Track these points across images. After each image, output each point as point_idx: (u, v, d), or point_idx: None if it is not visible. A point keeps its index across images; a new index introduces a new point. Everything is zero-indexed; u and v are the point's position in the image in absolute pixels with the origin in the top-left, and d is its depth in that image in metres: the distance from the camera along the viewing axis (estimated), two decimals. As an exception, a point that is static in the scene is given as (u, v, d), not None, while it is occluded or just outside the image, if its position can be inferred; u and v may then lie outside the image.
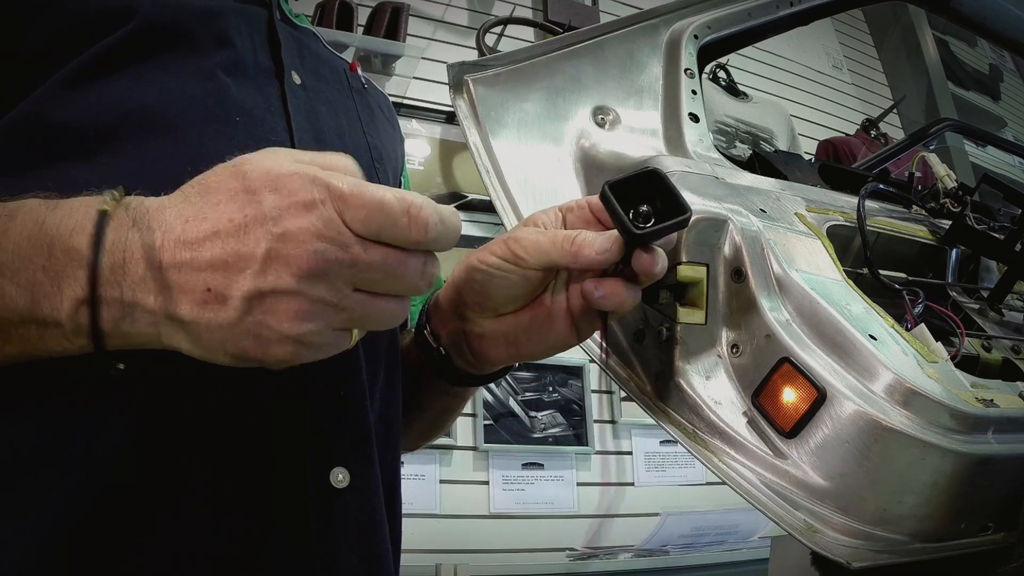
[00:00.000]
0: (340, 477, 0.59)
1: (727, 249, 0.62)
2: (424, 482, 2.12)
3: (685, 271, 0.61)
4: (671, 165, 0.70)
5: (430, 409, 0.82)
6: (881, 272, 0.75)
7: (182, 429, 0.54)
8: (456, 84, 0.75)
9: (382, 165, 0.77)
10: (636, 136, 0.78)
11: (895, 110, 3.57)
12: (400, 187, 0.85)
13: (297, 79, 0.70)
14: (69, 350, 0.47)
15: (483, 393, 2.24)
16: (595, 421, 2.40)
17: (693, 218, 0.62)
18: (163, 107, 0.59)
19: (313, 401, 0.59)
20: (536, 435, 2.30)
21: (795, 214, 0.71)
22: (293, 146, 0.65)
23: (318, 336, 0.46)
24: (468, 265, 0.63)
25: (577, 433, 2.36)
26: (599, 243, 0.56)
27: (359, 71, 0.85)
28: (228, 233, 0.45)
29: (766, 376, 0.58)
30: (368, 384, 0.64)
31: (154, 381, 0.53)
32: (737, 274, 0.61)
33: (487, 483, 2.22)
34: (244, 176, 0.46)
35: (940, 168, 0.97)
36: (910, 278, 0.78)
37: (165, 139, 0.58)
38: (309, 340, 0.46)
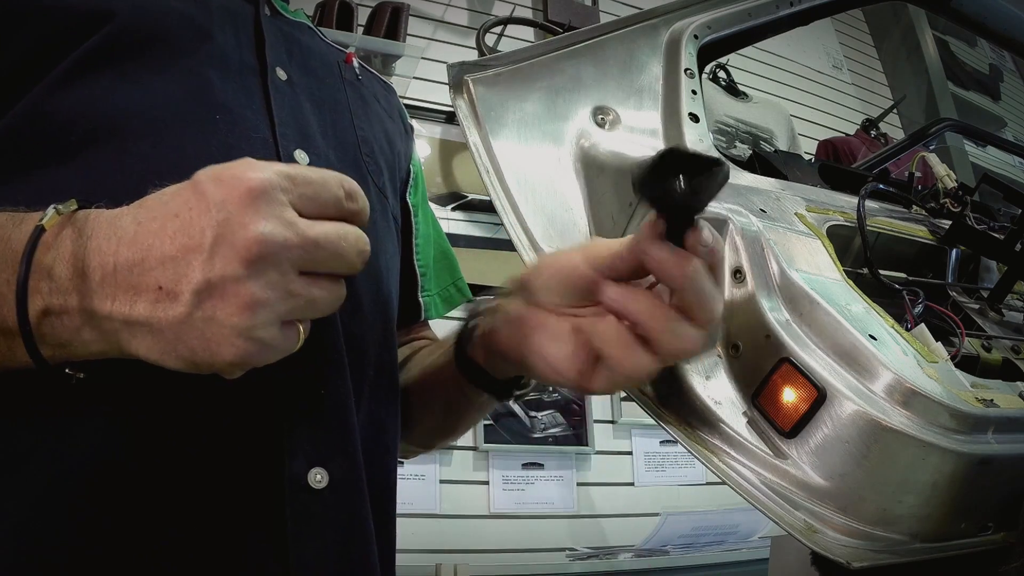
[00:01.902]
0: (319, 478, 0.58)
1: (727, 249, 0.62)
2: (424, 482, 2.12)
3: (685, 271, 0.61)
4: (671, 165, 0.70)
5: (461, 426, 0.83)
6: (881, 272, 0.75)
7: (158, 430, 0.54)
8: (456, 84, 0.75)
9: (372, 158, 0.77)
10: (636, 136, 0.78)
11: (895, 110, 3.57)
12: (396, 179, 0.84)
13: (282, 75, 0.69)
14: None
15: (483, 393, 2.24)
16: (595, 421, 2.40)
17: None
18: (144, 109, 0.59)
19: (292, 401, 0.59)
20: (536, 435, 2.30)
21: (795, 214, 0.71)
22: (275, 142, 0.64)
23: (267, 329, 0.45)
24: None
25: (577, 433, 2.36)
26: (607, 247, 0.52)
27: (355, 62, 0.84)
28: (176, 228, 0.45)
29: (766, 376, 0.58)
30: (355, 383, 0.63)
31: (129, 382, 0.52)
32: (737, 274, 0.61)
33: (487, 483, 2.22)
34: (194, 176, 0.47)
35: (940, 168, 0.97)
36: (910, 278, 0.78)
37: (145, 141, 0.58)
38: (258, 335, 0.45)
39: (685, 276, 0.49)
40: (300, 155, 0.65)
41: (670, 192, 0.45)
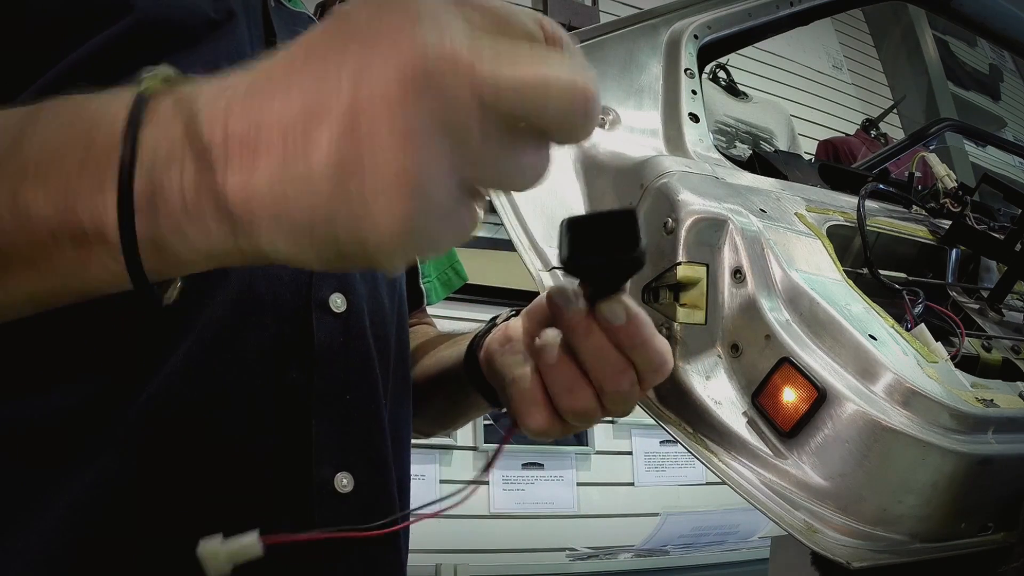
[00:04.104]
0: (344, 482, 0.58)
1: (727, 249, 0.62)
2: (424, 482, 2.12)
3: (685, 271, 0.61)
4: (671, 165, 0.70)
5: (460, 420, 0.83)
6: (881, 272, 0.75)
7: (190, 432, 0.54)
8: (456, 84, 0.75)
9: None
10: (636, 136, 0.77)
11: (895, 110, 3.57)
12: None
13: None
14: (116, 279, 0.34)
15: (483, 393, 2.24)
16: (595, 421, 2.40)
17: (692, 219, 0.62)
18: None
19: (319, 406, 0.58)
20: (536, 435, 2.30)
21: (795, 214, 0.71)
22: None
23: (439, 183, 0.30)
24: None
25: (577, 433, 2.36)
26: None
27: None
28: (302, 66, 0.32)
29: (766, 376, 0.58)
30: (380, 382, 0.63)
31: (162, 387, 0.52)
32: (737, 274, 0.61)
33: (487, 483, 2.22)
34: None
35: (940, 168, 0.97)
36: (910, 278, 0.78)
37: None
38: (427, 189, 0.30)
39: (571, 338, 0.47)
40: None
41: (582, 268, 0.44)
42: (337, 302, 0.61)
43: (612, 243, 0.43)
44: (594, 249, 0.43)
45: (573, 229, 0.43)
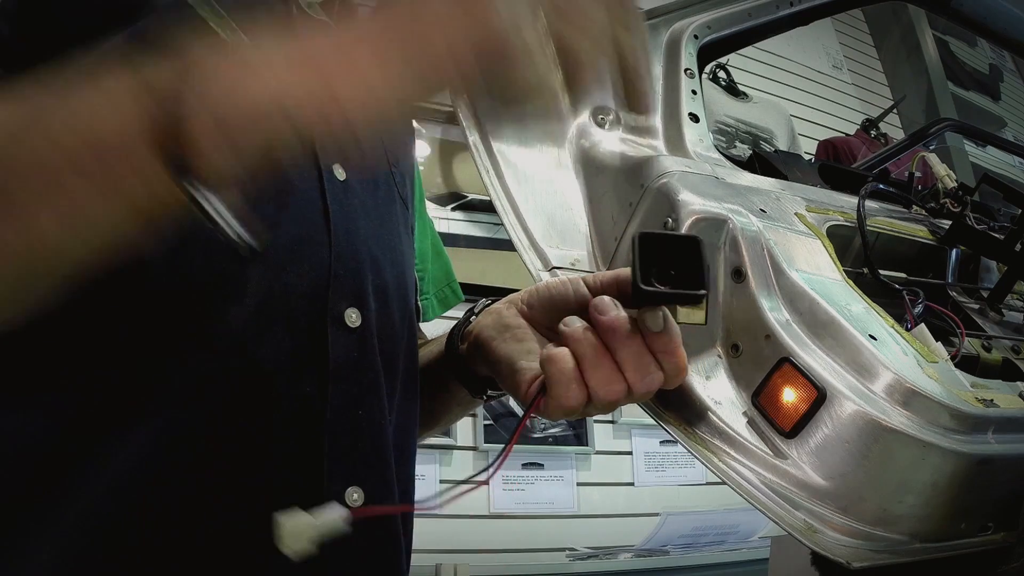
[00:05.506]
0: (355, 496, 0.58)
1: (727, 249, 0.62)
2: (424, 482, 2.11)
3: (685, 271, 0.61)
4: (671, 165, 0.70)
5: (443, 418, 0.83)
6: (881, 272, 0.75)
7: (202, 447, 0.54)
8: (456, 84, 0.75)
9: (398, 168, 0.76)
10: (636, 136, 0.78)
11: (895, 110, 3.57)
12: (413, 190, 0.84)
13: None
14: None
15: (483, 393, 2.24)
16: (595, 421, 2.40)
17: (692, 219, 0.63)
18: None
19: (331, 420, 0.58)
20: (536, 435, 2.30)
21: (795, 214, 0.71)
22: (315, 155, 0.62)
23: None
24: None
25: (577, 433, 2.36)
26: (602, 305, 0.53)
27: None
28: None
29: (766, 376, 0.58)
30: (387, 399, 0.63)
31: (173, 399, 0.52)
32: (737, 274, 0.61)
33: (487, 483, 2.22)
34: None
35: (940, 168, 0.97)
36: (910, 278, 0.78)
37: None
38: None
39: (613, 340, 0.51)
40: (338, 169, 0.64)
41: (637, 279, 0.49)
42: (352, 317, 0.61)
43: (678, 271, 0.49)
44: (660, 276, 0.49)
45: (643, 246, 0.49)
